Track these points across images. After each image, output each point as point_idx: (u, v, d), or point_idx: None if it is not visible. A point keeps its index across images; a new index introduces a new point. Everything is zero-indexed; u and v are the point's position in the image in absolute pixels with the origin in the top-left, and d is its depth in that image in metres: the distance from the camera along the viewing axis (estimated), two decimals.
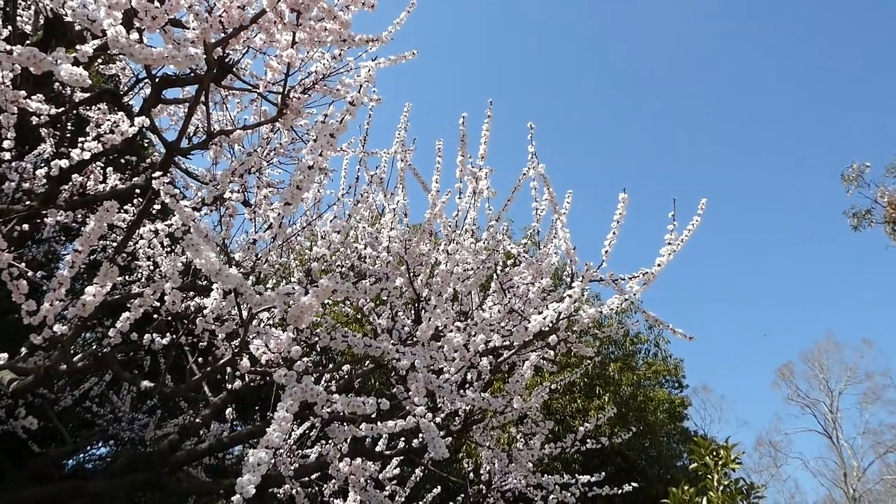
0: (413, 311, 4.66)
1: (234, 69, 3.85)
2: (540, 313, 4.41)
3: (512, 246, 4.89)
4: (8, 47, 2.15)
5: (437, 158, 4.64)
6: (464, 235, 4.43)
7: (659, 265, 4.07)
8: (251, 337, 2.87)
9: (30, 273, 3.14)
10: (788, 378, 35.58)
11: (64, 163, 3.29)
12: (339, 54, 3.88)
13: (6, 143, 3.33)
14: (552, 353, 5.12)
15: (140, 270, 5.13)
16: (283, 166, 5.57)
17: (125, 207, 4.86)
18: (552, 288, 5.18)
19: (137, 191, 3.91)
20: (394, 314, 4.57)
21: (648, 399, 12.25)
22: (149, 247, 4.11)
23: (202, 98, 3.00)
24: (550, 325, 3.54)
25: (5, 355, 2.99)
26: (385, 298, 4.32)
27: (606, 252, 4.20)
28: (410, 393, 2.97)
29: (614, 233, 4.26)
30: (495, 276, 4.81)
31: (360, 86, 2.58)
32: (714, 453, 4.17)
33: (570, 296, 3.51)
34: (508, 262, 5.32)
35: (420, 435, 4.65)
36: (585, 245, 4.49)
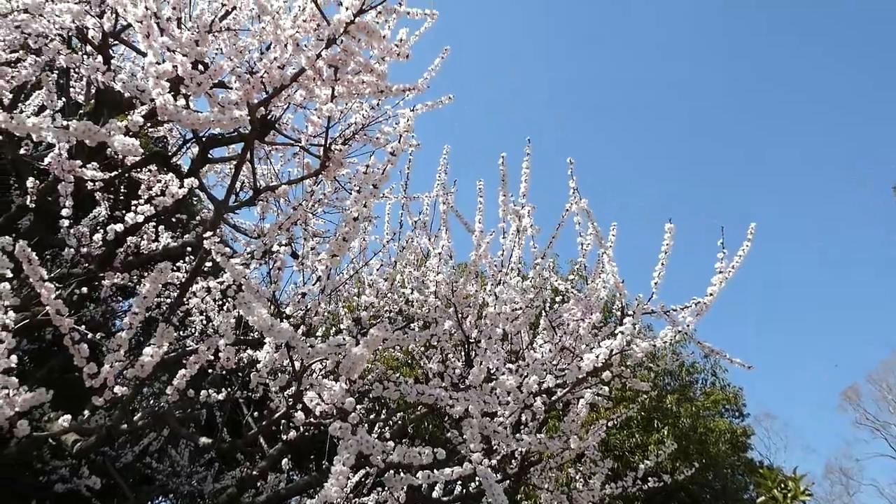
0: (463, 354, 4.64)
1: (276, 125, 3.96)
2: (591, 349, 4.36)
3: (559, 282, 4.85)
4: (65, 122, 2.25)
5: (479, 198, 4.67)
6: (510, 274, 4.42)
7: (711, 294, 4.00)
8: (305, 389, 2.89)
9: (89, 335, 3.23)
10: (855, 401, 34.20)
11: (119, 227, 3.40)
12: (377, 104, 3.96)
13: (64, 212, 3.46)
14: (607, 388, 5.03)
15: (193, 325, 5.24)
16: (327, 215, 5.67)
17: (177, 265, 4.99)
18: (602, 323, 5.11)
19: (189, 249, 4.00)
20: (444, 357, 4.55)
21: (709, 430, 11.89)
22: (201, 302, 4.20)
23: (248, 156, 3.08)
24: (604, 362, 3.49)
25: (68, 417, 3.06)
26: (435, 343, 4.32)
27: (656, 284, 4.15)
28: (465, 438, 2.95)
29: (663, 264, 4.21)
30: (544, 314, 4.77)
31: (400, 136, 2.62)
32: (782, 485, 4.03)
33: (622, 332, 3.45)
34: (556, 299, 5.28)
35: (477, 479, 4.59)
36: (634, 276, 4.43)
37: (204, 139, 3.75)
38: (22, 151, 3.72)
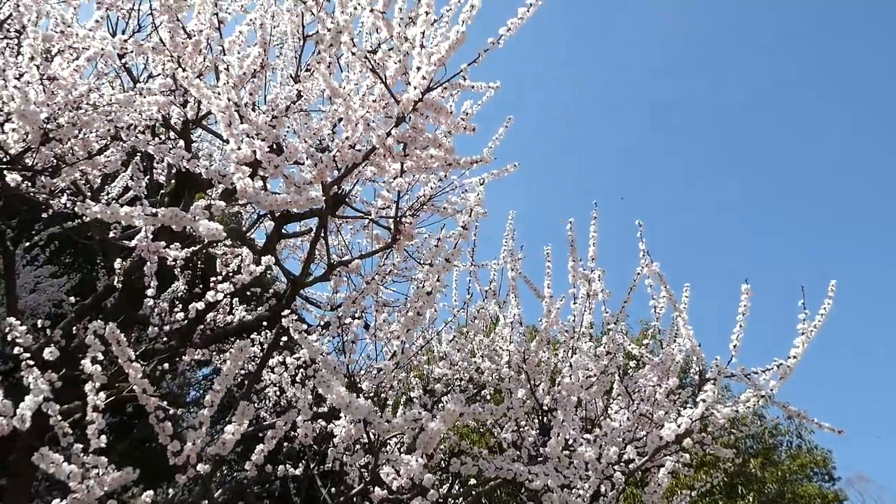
0: (537, 422, 4.56)
1: (347, 199, 4.06)
2: (669, 415, 4.23)
3: (633, 347, 4.76)
4: (153, 210, 2.37)
5: (547, 263, 4.65)
6: (582, 340, 4.36)
7: (794, 357, 3.85)
8: (381, 463, 2.88)
9: (171, 411, 3.31)
10: None
11: (200, 305, 3.51)
12: (445, 175, 4.03)
13: (149, 291, 3.61)
14: (688, 456, 4.85)
15: (267, 397, 5.31)
16: (396, 284, 5.72)
17: (252, 336, 5.10)
18: (679, 387, 4.97)
19: (264, 322, 4.10)
20: (518, 426, 4.48)
21: (797, 496, 11.25)
22: (279, 378, 4.27)
23: (322, 233, 3.17)
24: (685, 431, 3.38)
25: (151, 493, 3.12)
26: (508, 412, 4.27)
27: (735, 346, 4.03)
28: None
29: (741, 326, 4.09)
30: (618, 380, 4.67)
31: (471, 210, 2.65)
32: None
33: (703, 400, 3.34)
34: (630, 364, 5.17)
35: None
36: (710, 336, 4.32)
37: (278, 215, 3.88)
38: (111, 235, 3.92)
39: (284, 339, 3.71)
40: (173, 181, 4.85)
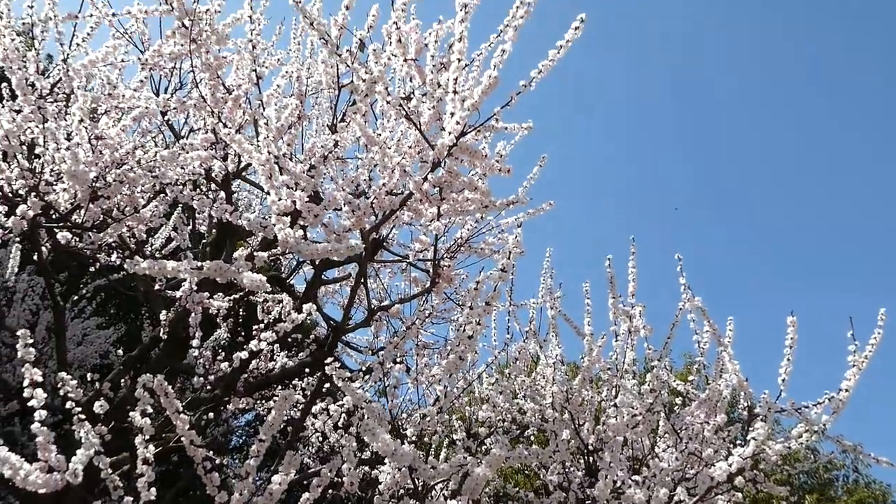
0: (583, 462, 4.49)
1: (385, 243, 4.10)
2: (716, 450, 4.12)
3: (678, 383, 4.68)
4: (198, 264, 2.42)
5: (587, 301, 4.62)
6: (626, 377, 4.31)
7: (846, 390, 3.76)
8: None
9: (218, 460, 3.34)
10: None
11: (244, 354, 3.56)
12: (481, 217, 4.06)
13: (194, 342, 3.67)
14: (740, 494, 4.72)
15: (310, 443, 5.32)
16: (435, 325, 5.73)
17: (295, 383, 5.14)
18: (728, 423, 4.86)
19: (306, 368, 4.13)
20: (564, 467, 4.41)
21: None
22: (323, 425, 4.27)
23: (362, 280, 3.20)
24: (736, 470, 3.29)
25: None
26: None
27: (783, 381, 3.94)
28: None
29: (788, 359, 4.00)
30: (664, 418, 4.58)
31: (510, 253, 2.66)
32: None
33: (754, 438, 3.26)
34: (676, 401, 5.07)
35: None
36: (757, 369, 4.24)
37: (318, 262, 3.93)
38: (156, 287, 4.01)
39: (327, 385, 3.73)
40: (214, 230, 4.96)
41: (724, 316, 4.55)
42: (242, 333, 5.35)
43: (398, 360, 3.80)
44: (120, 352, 4.51)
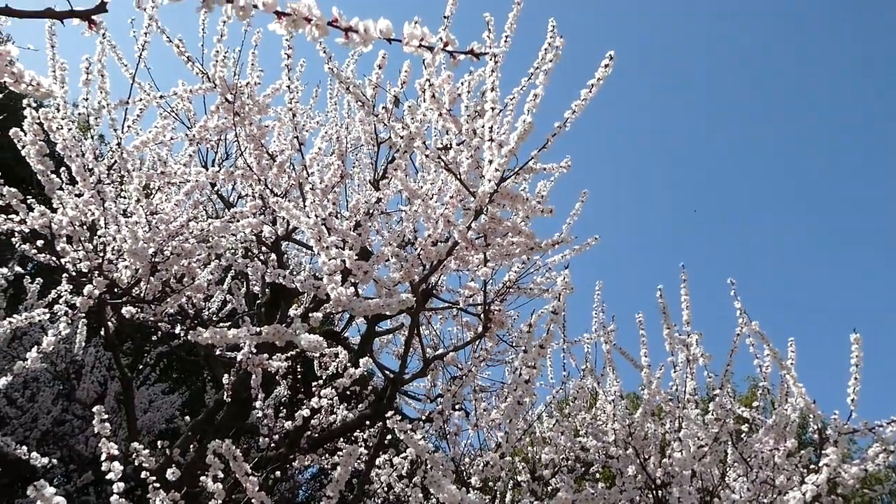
0: (651, 498, 4.40)
1: (434, 291, 4.15)
2: (789, 477, 4.01)
3: (743, 410, 4.58)
4: (257, 329, 2.50)
5: (641, 332, 4.58)
6: (688, 408, 4.23)
7: None
8: None
9: None
10: None
11: (306, 412, 3.62)
12: (527, 258, 4.08)
13: (257, 404, 3.76)
14: None
15: (377, 496, 5.33)
16: (490, 368, 5.73)
17: (356, 435, 5.18)
18: (799, 447, 4.72)
19: (367, 422, 4.17)
20: None
21: None
22: (387, 477, 4.31)
23: (416, 331, 3.24)
24: (811, 499, 3.20)
25: None
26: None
27: (853, 401, 3.83)
28: None
29: (856, 378, 3.89)
30: (732, 447, 4.48)
31: (560, 294, 2.68)
32: None
33: (827, 465, 3.18)
34: (743, 428, 4.96)
35: None
36: (826, 388, 4.12)
37: (370, 316, 3.99)
38: (216, 352, 4.12)
39: (389, 437, 3.77)
40: (268, 291, 5.08)
41: (784, 335, 4.47)
42: (302, 389, 5.43)
43: (457, 406, 3.82)
44: (187, 418, 4.61)
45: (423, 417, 4.05)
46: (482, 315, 3.60)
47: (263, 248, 4.53)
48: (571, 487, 2.48)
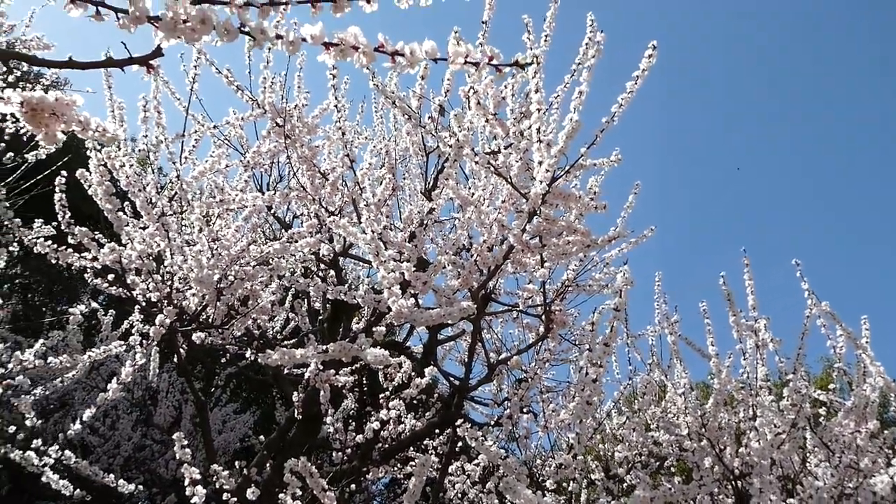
0: (731, 489, 4.31)
1: (493, 295, 4.15)
2: (874, 460, 3.88)
3: (820, 393, 4.45)
4: (323, 347, 2.55)
5: (706, 320, 4.50)
6: (762, 395, 4.14)
7: None
8: None
9: None
10: None
11: (376, 424, 3.67)
12: (584, 256, 4.05)
13: (328, 419, 3.82)
14: None
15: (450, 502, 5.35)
16: (554, 368, 5.70)
17: (426, 443, 5.21)
18: (882, 427, 4.56)
19: (436, 430, 4.19)
20: (712, 497, 4.25)
21: None
22: (462, 485, 4.32)
23: (478, 337, 3.26)
24: None
25: None
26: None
27: None
28: None
29: None
30: (810, 432, 4.35)
31: (621, 290, 2.66)
32: None
33: None
34: (821, 411, 4.81)
35: None
36: None
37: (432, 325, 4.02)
38: (284, 371, 4.21)
39: (459, 443, 3.79)
40: (328, 306, 5.16)
41: (856, 314, 4.33)
42: (368, 402, 5.50)
43: (525, 409, 3.82)
44: (261, 437, 4.73)
45: (492, 422, 4.06)
46: (543, 316, 3.59)
47: (322, 266, 4.61)
48: (648, 484, 2.44)
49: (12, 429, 3.73)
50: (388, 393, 4.09)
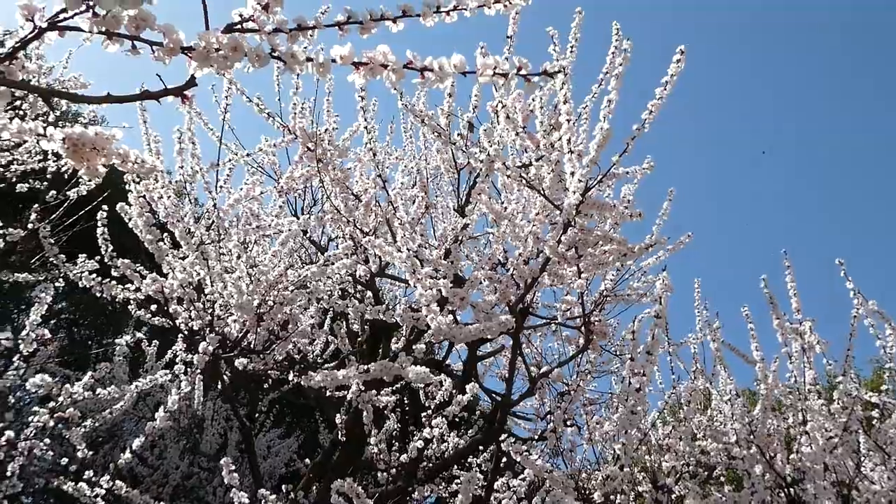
0: (784, 497, 4.21)
1: (531, 308, 4.13)
2: None
3: (871, 395, 4.33)
4: (365, 368, 2.56)
5: (749, 325, 4.42)
6: (811, 399, 4.04)
7: None
8: None
9: None
10: None
11: (420, 443, 3.67)
12: (622, 265, 4.02)
13: (372, 440, 3.83)
14: None
15: None
16: (596, 379, 5.64)
17: (471, 460, 5.19)
18: None
19: (479, 447, 4.17)
20: None
21: None
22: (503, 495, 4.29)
23: (518, 351, 3.24)
24: None
25: None
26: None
27: None
28: None
29: None
30: (864, 435, 4.24)
31: (660, 297, 2.63)
32: None
33: None
34: (873, 413, 4.68)
35: None
36: None
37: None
38: (327, 393, 4.23)
39: (504, 460, 3.76)
40: (367, 327, 5.19)
41: None
42: (411, 421, 5.49)
43: (568, 422, 3.78)
44: (306, 460, 4.76)
45: (536, 437, 4.03)
46: (582, 327, 3.56)
47: (359, 287, 4.63)
48: (698, 494, 2.40)
49: (64, 461, 3.79)
50: (430, 411, 4.08)
